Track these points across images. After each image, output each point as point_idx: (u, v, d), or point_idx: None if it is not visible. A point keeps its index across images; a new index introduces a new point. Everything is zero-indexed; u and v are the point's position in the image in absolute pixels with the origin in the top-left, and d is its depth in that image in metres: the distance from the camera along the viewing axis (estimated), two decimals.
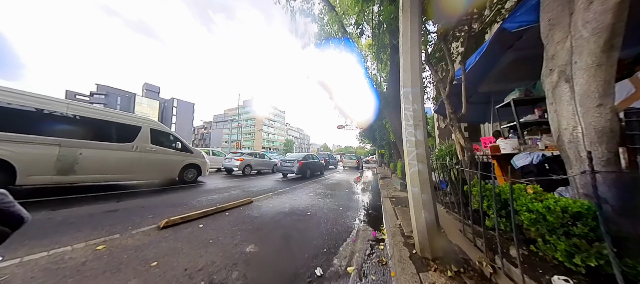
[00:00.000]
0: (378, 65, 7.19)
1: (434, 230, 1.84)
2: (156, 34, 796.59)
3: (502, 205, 1.80)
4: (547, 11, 1.72)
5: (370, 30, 6.22)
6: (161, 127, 6.20)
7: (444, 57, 3.49)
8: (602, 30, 1.37)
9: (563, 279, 1.18)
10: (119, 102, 49.72)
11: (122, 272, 1.76)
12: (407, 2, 2.10)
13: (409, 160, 1.98)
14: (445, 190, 3.54)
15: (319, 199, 5.10)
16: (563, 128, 1.60)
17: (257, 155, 11.56)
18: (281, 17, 7.87)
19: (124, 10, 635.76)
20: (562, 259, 1.31)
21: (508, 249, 1.65)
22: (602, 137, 1.38)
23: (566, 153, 1.60)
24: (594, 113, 1.41)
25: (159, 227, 2.70)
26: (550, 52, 1.70)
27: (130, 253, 2.06)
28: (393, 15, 4.06)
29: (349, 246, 2.49)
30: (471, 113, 4.32)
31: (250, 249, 2.27)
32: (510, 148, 2.85)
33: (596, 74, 1.41)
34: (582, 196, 1.46)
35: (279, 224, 3.18)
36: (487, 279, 1.52)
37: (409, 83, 2.02)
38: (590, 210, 1.23)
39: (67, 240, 2.24)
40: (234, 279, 1.73)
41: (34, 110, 4.02)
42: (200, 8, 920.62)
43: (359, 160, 18.57)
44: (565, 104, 1.56)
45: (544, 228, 1.38)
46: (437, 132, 9.92)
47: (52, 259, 1.88)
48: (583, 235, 1.22)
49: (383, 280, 1.86)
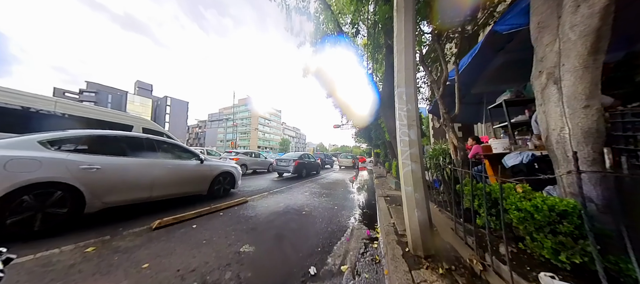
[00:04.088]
0: (373, 65, 7.22)
1: (427, 229, 1.86)
2: (146, 31, 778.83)
3: (492, 203, 1.84)
4: (536, 14, 1.76)
5: (366, 30, 6.24)
6: (154, 127, 6.09)
7: (438, 57, 3.53)
8: (588, 34, 1.41)
9: (549, 276, 1.22)
10: (110, 100, 48.55)
11: (113, 274, 1.72)
12: (402, 3, 2.12)
13: (403, 160, 2.00)
14: (438, 188, 3.59)
15: (315, 198, 5.11)
16: (551, 128, 1.64)
17: (252, 154, 11.47)
18: (276, 15, 7.82)
19: (108, 3, 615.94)
20: (548, 256, 1.35)
21: (498, 247, 1.69)
22: (588, 138, 1.42)
23: (554, 153, 1.64)
24: (580, 114, 1.45)
25: (151, 228, 2.65)
26: (540, 55, 1.74)
27: (121, 254, 2.02)
28: (388, 15, 4.07)
29: (343, 245, 2.51)
30: (464, 113, 4.39)
31: (245, 249, 2.26)
32: (501, 148, 2.91)
33: (583, 76, 1.45)
34: (568, 195, 1.51)
35: (274, 223, 3.17)
36: (477, 276, 1.55)
37: (403, 83, 2.04)
38: (575, 208, 1.27)
39: (54, 242, 2.18)
40: (228, 279, 1.72)
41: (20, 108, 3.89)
42: (190, 4, 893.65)
43: (354, 159, 18.65)
44: (554, 105, 1.61)
45: (532, 226, 1.42)
46: (432, 132, 10.05)
47: (39, 262, 1.82)
48: (569, 232, 1.26)
49: (376, 278, 1.88)
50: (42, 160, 2.39)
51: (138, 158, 3.27)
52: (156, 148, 3.61)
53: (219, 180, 4.65)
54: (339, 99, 12.85)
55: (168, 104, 57.59)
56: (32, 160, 2.35)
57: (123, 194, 3.02)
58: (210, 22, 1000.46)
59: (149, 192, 3.32)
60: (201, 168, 4.25)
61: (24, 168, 2.28)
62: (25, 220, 2.28)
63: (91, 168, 2.69)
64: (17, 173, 2.23)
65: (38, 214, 2.35)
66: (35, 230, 2.32)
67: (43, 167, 2.37)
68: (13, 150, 2.32)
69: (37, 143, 2.49)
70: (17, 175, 2.22)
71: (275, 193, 5.58)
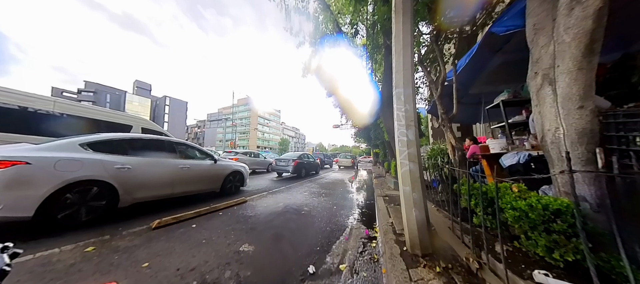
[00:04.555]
0: (372, 65, 7.24)
1: (425, 228, 1.89)
2: (145, 31, 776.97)
3: (488, 203, 1.86)
4: (532, 16, 1.79)
5: (365, 30, 6.25)
6: (153, 127, 6.08)
7: (436, 58, 3.56)
8: (583, 36, 1.43)
9: (543, 274, 1.24)
10: (109, 100, 48.35)
11: (112, 273, 1.73)
12: (400, 3, 2.13)
13: (401, 160, 2.02)
14: (436, 188, 3.62)
15: (314, 198, 5.13)
16: (546, 129, 1.66)
17: (251, 154, 11.48)
18: (275, 14, 7.81)
19: (106, 2, 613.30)
20: (542, 254, 1.37)
21: (493, 245, 1.71)
22: (582, 138, 1.45)
23: (549, 153, 1.67)
24: (574, 115, 1.47)
25: (151, 228, 2.66)
26: (535, 56, 1.76)
27: (121, 254, 2.04)
28: (386, 16, 4.09)
29: (342, 244, 2.53)
30: (463, 113, 4.43)
31: (244, 248, 2.27)
32: (498, 148, 2.93)
33: (577, 77, 1.47)
34: (563, 194, 1.53)
35: (273, 223, 3.19)
36: (473, 274, 1.57)
37: (401, 83, 2.06)
38: (569, 207, 1.29)
39: (53, 242, 2.18)
40: (227, 278, 1.74)
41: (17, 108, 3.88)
42: (189, 3, 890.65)
43: (354, 159, 18.68)
44: (549, 106, 1.63)
45: (527, 225, 1.44)
46: (431, 132, 10.09)
47: (39, 262, 1.83)
48: (562, 231, 1.28)
49: (374, 277, 1.90)
50: (83, 160, 2.68)
51: (162, 158, 3.60)
52: (176, 150, 3.94)
53: (230, 179, 4.94)
54: (339, 98, 12.85)
55: (167, 104, 57.41)
56: (76, 160, 2.63)
57: (150, 191, 3.33)
58: (209, 21, 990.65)
59: (171, 189, 3.63)
60: (215, 167, 4.55)
61: (70, 167, 2.56)
62: (72, 214, 2.58)
63: (124, 167, 2.98)
64: (64, 172, 2.50)
65: (82, 208, 2.65)
66: (83, 220, 2.65)
67: (84, 167, 2.66)
68: (59, 152, 2.59)
69: (78, 146, 2.77)
70: (64, 174, 2.49)
71: (274, 192, 5.59)
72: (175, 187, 3.68)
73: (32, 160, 2.34)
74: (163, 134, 6.27)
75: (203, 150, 4.67)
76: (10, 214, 2.21)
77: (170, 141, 3.99)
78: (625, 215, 1.21)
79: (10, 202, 2.19)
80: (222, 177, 4.73)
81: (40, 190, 2.33)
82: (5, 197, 2.16)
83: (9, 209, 2.19)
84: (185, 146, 4.24)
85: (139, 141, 3.53)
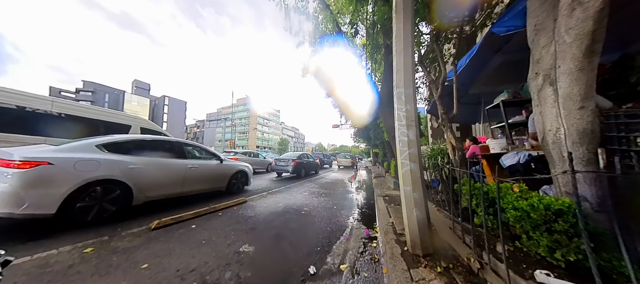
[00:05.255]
0: (372, 65, 7.24)
1: (425, 228, 1.88)
2: (143, 30, 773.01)
3: (489, 203, 1.86)
4: (533, 17, 1.79)
5: (365, 30, 6.25)
6: (153, 127, 6.05)
7: (437, 58, 3.56)
8: (583, 36, 1.43)
9: (545, 273, 1.24)
10: (107, 100, 48.10)
11: (111, 274, 1.72)
12: (400, 3, 2.13)
13: (402, 160, 2.01)
14: (436, 188, 3.62)
15: (314, 198, 5.12)
16: (547, 129, 1.66)
17: (251, 154, 11.46)
18: (274, 14, 7.79)
19: (104, 1, 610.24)
20: (544, 254, 1.37)
21: (495, 245, 1.71)
22: (583, 138, 1.45)
23: (550, 153, 1.67)
24: (576, 115, 1.48)
25: (150, 228, 2.65)
26: (536, 56, 1.76)
27: (120, 255, 2.02)
28: (387, 16, 4.09)
29: (342, 245, 2.52)
30: (462, 113, 4.44)
31: (244, 249, 2.26)
32: (498, 148, 2.94)
33: (578, 78, 1.47)
34: (564, 194, 1.53)
35: (273, 223, 3.18)
36: (474, 274, 1.57)
37: (402, 83, 2.06)
38: (570, 207, 1.29)
39: (51, 243, 2.16)
40: (227, 279, 1.73)
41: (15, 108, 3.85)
42: (187, 2, 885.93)
43: (353, 159, 18.70)
44: (550, 106, 1.63)
45: (528, 225, 1.44)
46: (430, 132, 10.10)
47: (36, 264, 1.81)
48: (564, 231, 1.28)
49: (375, 277, 1.90)
50: (100, 161, 2.81)
51: (171, 159, 3.74)
52: (184, 150, 4.08)
53: (235, 178, 5.14)
54: (339, 98, 12.85)
55: (166, 104, 57.18)
56: (94, 160, 2.76)
57: (161, 189, 3.47)
58: (207, 20, 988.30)
59: (181, 188, 3.77)
60: (221, 167, 4.75)
61: (88, 167, 2.69)
62: (90, 211, 2.69)
63: (137, 167, 3.12)
64: (84, 171, 2.63)
65: (99, 205, 2.76)
66: (104, 216, 2.79)
67: (102, 167, 2.79)
68: (78, 153, 2.71)
69: (95, 147, 2.89)
70: (84, 173, 2.62)
71: (274, 192, 5.58)
72: (184, 186, 3.81)
73: (54, 161, 2.44)
74: (162, 134, 6.25)
75: (210, 151, 4.83)
76: (34, 211, 2.29)
77: (179, 142, 4.12)
78: (626, 214, 1.21)
79: (34, 200, 2.28)
80: (228, 176, 4.90)
81: (62, 188, 2.43)
82: (29, 195, 2.25)
83: (34, 207, 2.28)
84: (193, 147, 4.38)
85: (150, 142, 3.67)
